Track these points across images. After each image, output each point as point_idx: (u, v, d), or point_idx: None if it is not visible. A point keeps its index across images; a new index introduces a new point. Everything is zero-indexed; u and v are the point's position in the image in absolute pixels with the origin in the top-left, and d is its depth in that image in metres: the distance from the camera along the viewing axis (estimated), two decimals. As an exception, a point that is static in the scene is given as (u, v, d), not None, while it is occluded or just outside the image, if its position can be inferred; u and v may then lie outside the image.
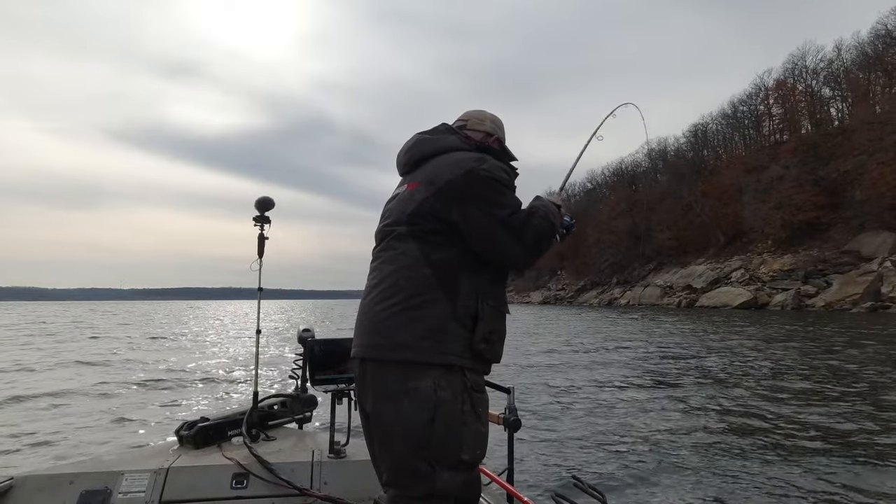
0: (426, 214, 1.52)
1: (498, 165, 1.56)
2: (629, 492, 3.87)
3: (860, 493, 3.74)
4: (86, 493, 1.95)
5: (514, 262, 1.57)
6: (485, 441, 1.50)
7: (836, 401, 6.77)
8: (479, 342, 1.46)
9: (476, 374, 1.50)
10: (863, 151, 43.07)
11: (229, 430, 2.43)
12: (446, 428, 1.39)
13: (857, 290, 32.84)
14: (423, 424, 1.39)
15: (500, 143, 1.79)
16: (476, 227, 1.49)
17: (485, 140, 1.74)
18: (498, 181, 1.52)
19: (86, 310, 71.72)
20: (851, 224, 41.55)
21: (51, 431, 5.60)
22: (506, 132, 1.84)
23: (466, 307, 1.47)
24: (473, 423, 1.44)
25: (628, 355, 12.35)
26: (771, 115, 63.54)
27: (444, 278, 1.48)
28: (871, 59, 51.53)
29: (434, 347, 1.43)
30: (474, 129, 1.75)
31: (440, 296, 1.46)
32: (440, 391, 1.40)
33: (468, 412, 1.43)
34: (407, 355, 1.43)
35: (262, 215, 2.64)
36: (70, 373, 10.20)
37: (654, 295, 53.04)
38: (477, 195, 1.49)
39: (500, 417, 1.95)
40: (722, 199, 56.72)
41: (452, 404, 1.41)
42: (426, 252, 1.50)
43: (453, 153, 1.59)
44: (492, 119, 1.81)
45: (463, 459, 1.41)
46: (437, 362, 1.42)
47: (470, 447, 1.42)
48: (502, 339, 1.58)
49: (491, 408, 2.06)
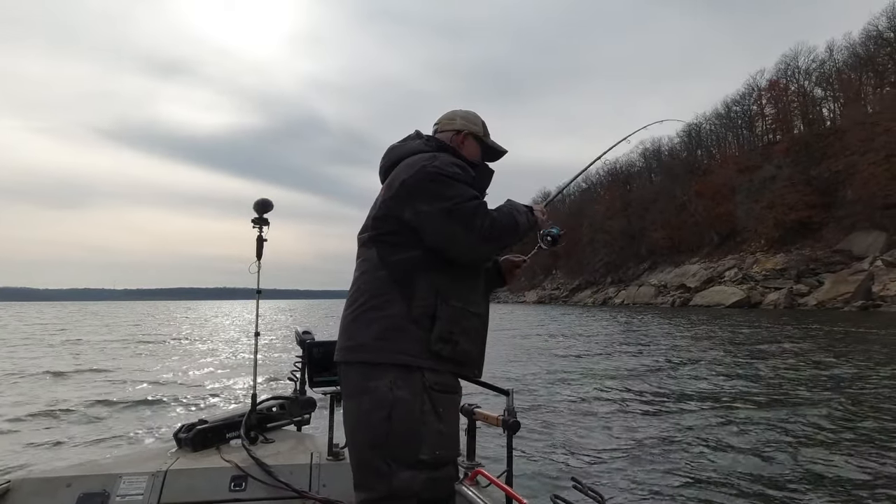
0: (385, 217, 1.57)
1: (449, 161, 1.57)
2: (628, 493, 3.87)
3: (860, 491, 3.78)
4: (83, 495, 1.94)
5: (464, 252, 1.54)
6: (449, 441, 1.49)
7: (832, 400, 6.82)
8: (435, 342, 1.47)
9: (438, 373, 1.49)
10: (854, 151, 43.35)
11: (227, 433, 2.42)
12: (404, 426, 1.41)
13: (849, 289, 33.07)
14: (379, 422, 1.42)
15: (477, 137, 1.79)
16: (425, 222, 1.50)
17: (454, 139, 1.75)
18: (447, 175, 1.52)
19: (73, 310, 71.19)
20: (843, 223, 41.86)
21: (48, 434, 5.56)
22: (489, 128, 1.84)
23: (424, 307, 1.48)
24: (434, 423, 1.44)
25: (627, 356, 12.39)
26: (764, 115, 63.93)
27: (400, 279, 1.51)
28: (863, 60, 51.89)
29: (389, 347, 1.46)
30: (444, 130, 1.78)
31: (396, 296, 1.49)
32: (397, 390, 1.42)
33: (428, 412, 1.44)
34: (365, 356, 1.48)
35: (261, 217, 2.63)
36: (68, 374, 10.12)
37: (649, 294, 53.24)
38: (425, 190, 1.51)
39: (498, 419, 1.95)
40: (715, 198, 57.01)
41: (411, 403, 1.43)
42: (383, 255, 1.55)
43: (413, 156, 1.62)
44: (462, 116, 1.81)
45: (422, 459, 1.41)
46: (393, 362, 1.45)
47: (429, 446, 1.43)
48: (473, 337, 1.58)
49: (490, 409, 2.08)
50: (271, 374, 8.95)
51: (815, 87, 58.39)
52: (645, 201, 68.44)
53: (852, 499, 3.67)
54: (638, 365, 10.63)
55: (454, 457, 1.52)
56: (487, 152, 1.83)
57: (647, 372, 9.67)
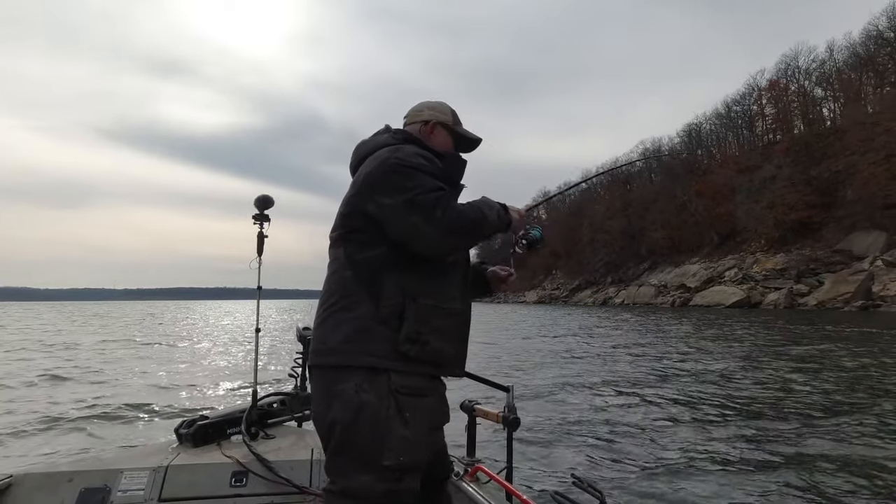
0: (351, 214, 1.53)
1: (413, 152, 1.53)
2: (628, 490, 3.87)
3: (861, 490, 3.78)
4: (85, 490, 1.95)
5: (427, 245, 1.46)
6: (414, 447, 1.42)
7: (833, 401, 6.83)
8: (403, 342, 1.41)
9: (407, 376, 1.43)
10: (854, 151, 43.37)
11: (228, 429, 2.42)
12: (368, 430, 1.37)
13: (849, 289, 33.08)
14: (344, 426, 1.39)
15: (446, 126, 1.74)
16: (387, 215, 1.46)
17: (422, 130, 1.71)
18: (409, 166, 1.48)
19: (73, 310, 71.20)
20: (843, 223, 41.88)
21: (49, 430, 5.56)
22: (458, 116, 1.78)
23: (391, 306, 1.44)
24: (399, 428, 1.39)
25: (627, 355, 12.39)
26: (764, 115, 63.97)
27: (366, 278, 1.47)
28: (863, 60, 51.92)
29: (356, 349, 1.42)
30: (412, 122, 1.75)
31: (363, 297, 1.45)
32: (362, 394, 1.38)
33: (393, 416, 1.39)
34: (333, 359, 1.44)
35: (262, 213, 2.63)
36: (68, 371, 10.13)
37: (649, 294, 53.26)
38: (386, 183, 1.47)
39: (499, 416, 1.96)
40: (715, 198, 57.05)
41: (376, 407, 1.38)
42: (349, 253, 1.51)
43: (379, 150, 1.58)
44: (430, 106, 1.76)
45: (384, 465, 1.37)
46: (360, 365, 1.41)
47: (393, 452, 1.37)
48: (448, 336, 1.53)
49: (490, 406, 2.09)
50: (272, 371, 8.96)
51: (815, 87, 58.47)
52: (645, 201, 68.50)
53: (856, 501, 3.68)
54: (638, 364, 10.63)
55: (418, 464, 1.44)
56: (460, 142, 1.77)
57: (648, 371, 9.68)
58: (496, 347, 14.15)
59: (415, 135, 1.68)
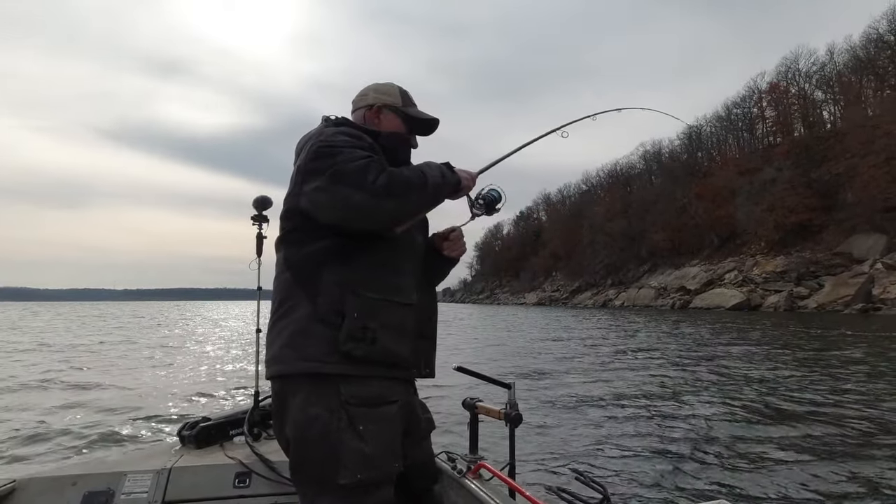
0: (287, 213, 1.42)
1: (336, 131, 1.39)
2: (631, 486, 3.88)
3: (862, 492, 3.78)
4: (89, 494, 1.94)
5: (362, 217, 1.28)
6: (374, 462, 1.27)
7: (836, 403, 6.82)
8: (345, 341, 1.27)
9: (358, 382, 1.29)
10: (854, 154, 43.41)
11: (231, 430, 2.42)
12: (319, 448, 1.25)
13: (849, 292, 33.07)
14: (296, 444, 1.29)
15: (394, 109, 1.59)
16: (317, 199, 1.31)
17: (367, 115, 1.58)
18: (329, 145, 1.34)
19: (73, 311, 71.17)
20: (843, 226, 41.88)
21: (53, 433, 5.56)
22: (409, 96, 1.64)
23: (330, 303, 1.30)
24: (353, 442, 1.24)
25: (628, 354, 12.39)
26: (764, 117, 64.06)
27: (303, 277, 1.35)
28: (863, 63, 52.03)
29: (296, 355, 1.29)
30: (357, 109, 1.62)
31: (301, 298, 1.33)
32: (310, 407, 1.26)
33: (344, 429, 1.25)
34: (277, 368, 1.34)
35: (261, 214, 2.64)
36: (70, 373, 10.13)
37: (649, 296, 53.26)
38: (312, 168, 1.33)
39: (501, 413, 1.96)
40: (715, 200, 57.08)
41: (326, 420, 1.25)
42: (288, 255, 1.40)
43: (308, 141, 1.44)
44: (375, 89, 1.62)
45: (341, 484, 1.23)
46: (303, 372, 1.28)
47: (349, 470, 1.23)
48: (401, 332, 1.38)
49: (492, 403, 2.09)
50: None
51: (815, 90, 58.59)
52: (645, 203, 68.52)
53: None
54: (641, 363, 10.63)
55: (384, 479, 1.30)
56: (413, 124, 1.61)
57: (650, 370, 9.66)
58: (497, 348, 14.15)
59: (357, 122, 1.55)
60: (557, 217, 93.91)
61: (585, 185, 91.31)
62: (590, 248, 74.01)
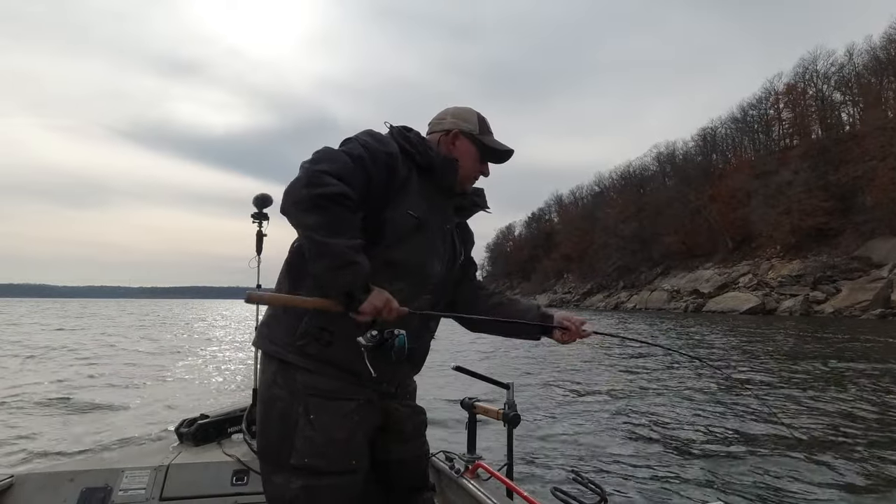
0: None
1: (366, 131, 1.40)
2: (629, 487, 3.86)
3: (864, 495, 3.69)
4: (86, 490, 1.95)
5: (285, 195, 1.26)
6: (321, 449, 1.29)
7: (843, 406, 6.69)
8: (300, 336, 1.31)
9: (313, 375, 1.32)
10: (873, 157, 42.72)
11: (229, 427, 2.43)
12: (278, 426, 1.31)
13: (867, 297, 32.51)
14: (259, 421, 1.38)
15: (469, 135, 1.55)
16: None
17: (443, 140, 1.53)
18: (348, 138, 1.36)
19: (86, 308, 72.25)
20: (861, 230, 41.19)
21: (51, 429, 5.60)
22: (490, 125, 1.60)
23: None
24: (304, 429, 1.29)
25: (630, 357, 12.28)
26: (781, 119, 63.22)
27: (292, 267, 1.40)
28: (884, 64, 51.12)
29: (263, 334, 1.41)
30: (433, 132, 1.58)
31: (285, 283, 1.40)
32: (275, 388, 1.34)
33: (300, 415, 1.30)
34: (255, 340, 1.46)
35: (261, 212, 2.65)
36: (69, 370, 10.25)
37: (661, 299, 52.78)
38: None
39: (499, 413, 1.94)
40: (730, 203, 56.43)
41: (286, 403, 1.31)
42: (292, 245, 1.44)
43: None
44: (453, 113, 1.58)
45: (292, 464, 1.28)
46: (268, 351, 1.38)
47: (298, 453, 1.28)
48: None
49: (490, 403, 2.06)
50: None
51: (833, 92, 57.65)
52: (658, 205, 67.93)
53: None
54: (643, 364, 10.53)
55: (334, 469, 1.30)
56: (487, 152, 1.57)
57: (652, 371, 9.57)
58: (498, 348, 14.11)
59: (436, 146, 1.51)
60: (569, 218, 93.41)
61: (598, 186, 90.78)
62: (602, 250, 73.51)
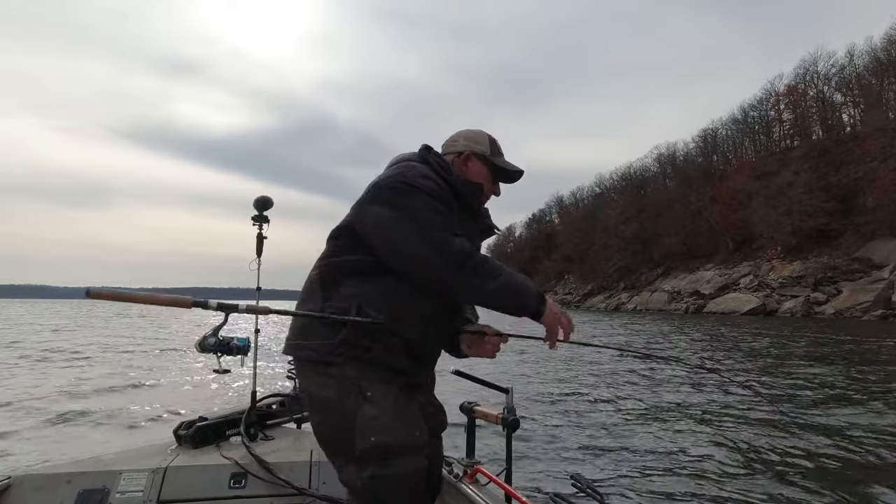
0: (348, 222, 1.51)
1: (424, 174, 1.47)
2: (628, 492, 3.83)
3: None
4: (83, 492, 1.94)
5: (431, 275, 1.38)
6: (385, 426, 1.34)
7: (848, 409, 6.68)
8: (340, 344, 1.38)
9: (358, 367, 1.39)
10: (874, 158, 42.70)
11: (227, 430, 2.41)
12: (337, 420, 1.37)
13: (868, 298, 32.50)
14: (316, 419, 1.45)
15: (481, 157, 1.63)
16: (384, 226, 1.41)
17: (455, 161, 1.62)
18: (413, 186, 1.42)
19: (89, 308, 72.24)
20: (862, 231, 41.18)
21: (48, 431, 5.58)
22: (498, 145, 1.69)
23: (335, 309, 1.40)
24: (363, 407, 1.35)
25: (631, 358, 12.25)
26: (781, 120, 63.22)
27: (326, 280, 1.47)
28: (884, 65, 51.13)
29: (301, 344, 1.46)
30: (447, 153, 1.66)
31: (316, 295, 1.46)
32: (323, 389, 1.39)
33: (356, 400, 1.35)
34: (289, 350, 1.51)
35: (261, 215, 2.65)
36: (68, 370, 10.24)
37: (662, 300, 52.77)
38: (386, 197, 1.43)
39: (498, 417, 1.93)
40: (731, 204, 56.39)
41: (338, 396, 1.37)
42: (326, 254, 1.52)
43: (399, 163, 1.58)
44: (466, 136, 1.66)
45: (361, 450, 1.32)
46: (308, 359, 1.44)
47: (362, 434, 1.32)
48: (395, 350, 1.44)
49: (489, 408, 2.05)
50: (272, 372, 8.94)
51: (834, 93, 57.65)
52: (659, 206, 67.91)
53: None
54: (643, 368, 10.50)
55: (400, 445, 1.34)
56: (498, 173, 1.66)
57: (652, 374, 9.55)
58: (498, 353, 14.07)
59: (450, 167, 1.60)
60: (570, 220, 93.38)
61: (599, 187, 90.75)
62: (602, 251, 73.45)
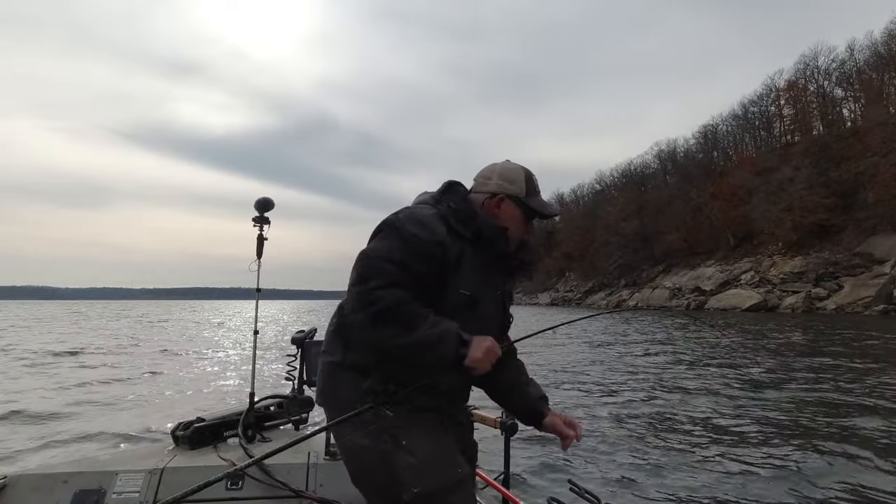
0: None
1: (418, 220, 1.38)
2: (625, 496, 3.82)
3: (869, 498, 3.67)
4: (80, 492, 1.94)
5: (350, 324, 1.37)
6: (425, 470, 1.31)
7: (850, 408, 6.67)
8: (367, 392, 1.37)
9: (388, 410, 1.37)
10: (875, 153, 42.61)
11: (225, 431, 2.40)
12: (376, 472, 1.34)
13: (869, 293, 32.47)
14: (355, 475, 1.41)
15: (515, 199, 1.50)
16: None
17: (487, 203, 1.49)
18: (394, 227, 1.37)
19: (93, 309, 72.36)
20: (863, 226, 41.12)
21: (45, 431, 5.58)
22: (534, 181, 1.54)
23: (356, 358, 1.41)
24: (401, 458, 1.31)
25: (630, 358, 12.25)
26: (782, 115, 63.11)
27: (343, 327, 1.45)
28: (885, 60, 50.98)
29: (334, 394, 1.45)
30: (478, 192, 1.53)
31: (338, 344, 1.45)
32: (356, 438, 1.35)
33: (392, 450, 1.32)
34: (321, 400, 1.49)
35: (262, 216, 2.63)
36: (67, 371, 10.24)
37: (663, 297, 52.76)
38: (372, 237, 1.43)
39: (496, 421, 1.92)
40: (731, 200, 56.35)
41: (373, 445, 1.34)
42: (344, 303, 1.44)
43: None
44: (500, 174, 1.51)
45: (406, 501, 1.28)
46: (336, 407, 1.41)
47: (406, 486, 1.29)
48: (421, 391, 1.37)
49: (488, 412, 2.05)
50: (270, 373, 8.94)
51: (835, 88, 57.53)
52: (660, 203, 67.84)
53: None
54: (643, 368, 10.49)
55: (444, 486, 1.31)
56: (532, 215, 1.53)
57: (652, 375, 9.53)
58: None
59: (475, 203, 1.48)
60: (571, 217, 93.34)
61: (599, 184, 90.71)
62: (603, 248, 73.43)
